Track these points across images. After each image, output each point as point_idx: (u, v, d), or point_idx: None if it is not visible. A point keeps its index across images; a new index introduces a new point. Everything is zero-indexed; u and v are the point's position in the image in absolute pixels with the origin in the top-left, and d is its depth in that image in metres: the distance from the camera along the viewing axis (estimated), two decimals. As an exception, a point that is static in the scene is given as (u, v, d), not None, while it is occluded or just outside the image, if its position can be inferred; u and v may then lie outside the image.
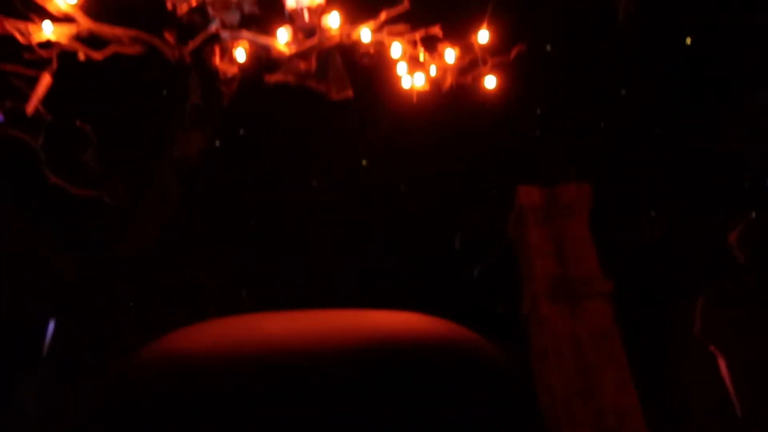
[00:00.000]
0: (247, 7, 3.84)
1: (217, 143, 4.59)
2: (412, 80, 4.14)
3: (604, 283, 5.51)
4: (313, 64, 3.77)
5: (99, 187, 4.26)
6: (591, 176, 6.10)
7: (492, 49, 4.31)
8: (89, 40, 3.54)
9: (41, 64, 3.29)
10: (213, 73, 3.94)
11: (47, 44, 3.34)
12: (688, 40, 6.13)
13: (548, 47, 5.91)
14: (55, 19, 3.40)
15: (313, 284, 5.76)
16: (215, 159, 4.71)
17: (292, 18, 3.88)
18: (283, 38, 3.77)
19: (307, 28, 3.77)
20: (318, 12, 3.82)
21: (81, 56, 3.46)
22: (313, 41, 3.75)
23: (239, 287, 5.83)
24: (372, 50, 4.70)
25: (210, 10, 3.80)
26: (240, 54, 3.92)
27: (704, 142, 6.44)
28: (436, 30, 3.95)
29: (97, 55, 3.51)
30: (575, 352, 5.24)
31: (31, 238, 4.60)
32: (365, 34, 3.82)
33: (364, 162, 6.33)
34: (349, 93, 3.78)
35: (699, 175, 6.52)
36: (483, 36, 4.26)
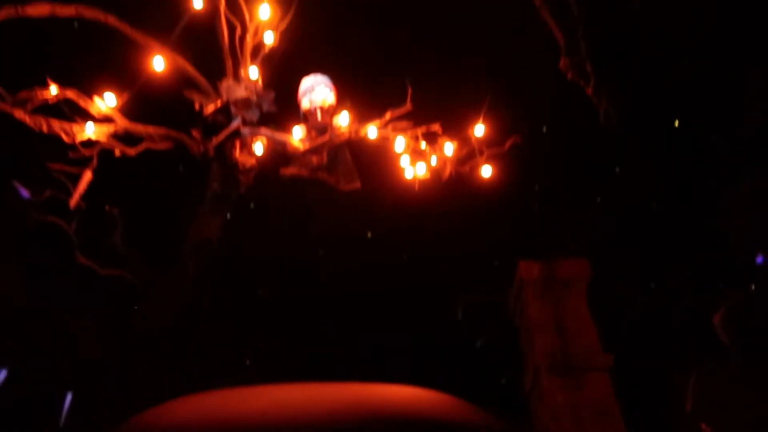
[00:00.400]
0: (266, 106, 4.28)
1: (228, 215, 4.93)
2: (414, 171, 4.53)
3: (604, 357, 5.68)
4: (325, 158, 4.16)
5: (123, 267, 4.59)
6: (589, 251, 6.38)
7: (488, 141, 4.71)
8: (124, 137, 3.95)
9: (82, 161, 3.68)
10: (233, 164, 4.33)
11: (88, 143, 3.74)
12: (676, 123, 6.55)
13: (544, 128, 6.33)
14: (96, 120, 3.82)
15: (315, 354, 5.94)
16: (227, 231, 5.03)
17: (306, 117, 4.32)
18: (298, 135, 4.20)
19: (319, 126, 4.20)
20: (329, 112, 4.26)
21: (117, 153, 3.86)
22: (325, 138, 4.16)
23: (245, 357, 6.01)
24: None
25: (233, 109, 4.24)
26: (258, 148, 4.33)
27: (699, 218, 6.73)
28: (436, 127, 4.35)
29: (131, 151, 3.91)
30: (576, 427, 5.36)
31: (53, 314, 4.86)
32: (372, 131, 4.24)
33: (368, 234, 6.63)
34: (357, 184, 4.15)
35: (695, 250, 6.78)
36: (479, 130, 4.67)
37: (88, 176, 3.70)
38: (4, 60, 3.57)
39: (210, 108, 4.15)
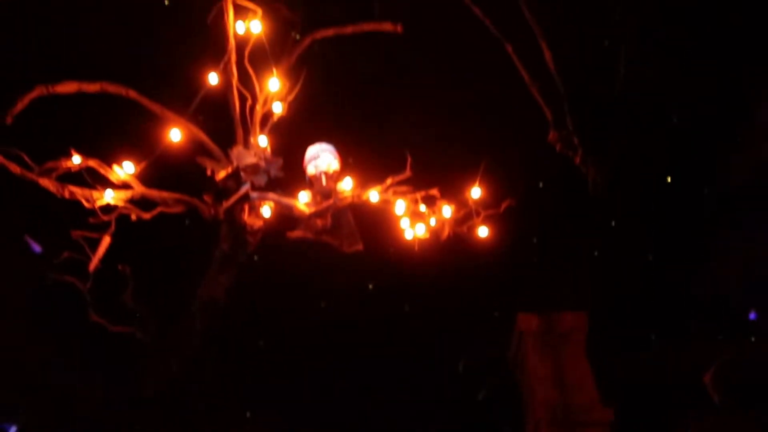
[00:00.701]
0: (274, 172, 4.53)
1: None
2: (414, 232, 4.75)
3: (604, 411, 5.77)
4: (329, 221, 4.39)
5: (133, 324, 4.76)
6: (587, 304, 6.54)
7: (484, 203, 4.95)
8: (140, 201, 4.20)
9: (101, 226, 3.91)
10: (241, 226, 4.56)
11: (107, 207, 3.98)
12: (669, 179, 6.80)
13: (541, 184, 6.57)
14: (115, 186, 4.07)
15: (318, 407, 6.02)
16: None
17: (311, 182, 4.58)
18: (303, 199, 4.44)
19: (324, 191, 4.45)
20: (334, 177, 4.52)
21: (133, 217, 4.10)
22: (329, 202, 4.40)
23: (246, 409, 6.10)
24: None
25: (243, 174, 4.50)
26: (266, 211, 4.58)
27: (693, 273, 6.91)
28: (435, 191, 4.60)
29: (146, 215, 4.15)
30: (577, 479, 5.43)
31: (60, 371, 4.99)
32: (374, 195, 4.48)
33: (370, 286, 6.80)
34: (360, 246, 4.37)
35: (691, 303, 6.94)
36: (476, 192, 4.91)
37: (106, 241, 3.93)
38: (31, 131, 3.84)
39: (221, 174, 4.41)
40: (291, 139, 4.64)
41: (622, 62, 4.34)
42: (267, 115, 4.63)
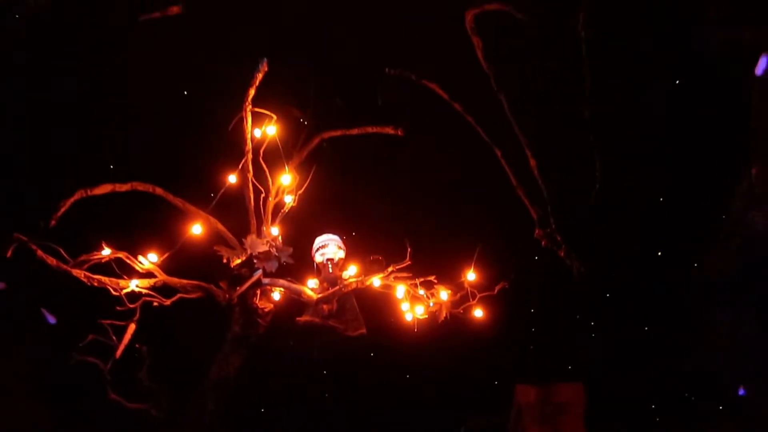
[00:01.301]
0: (284, 259, 4.93)
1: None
2: (413, 314, 5.10)
3: (602, 483, 5.94)
4: (335, 306, 4.75)
5: (148, 402, 5.05)
6: (585, 376, 6.79)
7: (479, 286, 5.30)
8: (161, 288, 4.58)
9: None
10: (253, 310, 4.92)
11: (131, 295, 4.36)
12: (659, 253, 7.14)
13: (536, 257, 6.91)
14: (140, 275, 4.47)
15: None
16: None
17: (318, 270, 4.97)
18: (311, 285, 4.82)
19: (330, 278, 4.83)
20: (339, 265, 4.92)
21: (155, 303, 4.47)
22: (335, 288, 4.78)
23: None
24: (381, 258, 5.75)
25: (255, 262, 4.89)
26: (276, 295, 4.95)
27: (685, 349, 7.17)
28: (432, 277, 4.98)
29: (167, 302, 4.52)
30: None
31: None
32: (376, 281, 4.86)
33: (371, 354, 7.05)
34: (363, 331, 4.71)
35: (685, 377, 7.16)
36: (471, 276, 5.28)
37: (132, 328, 4.29)
38: (67, 228, 4.26)
39: (236, 261, 4.81)
40: (300, 229, 5.06)
41: (598, 170, 4.81)
42: (278, 207, 5.08)
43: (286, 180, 5.05)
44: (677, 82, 5.00)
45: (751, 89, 5.06)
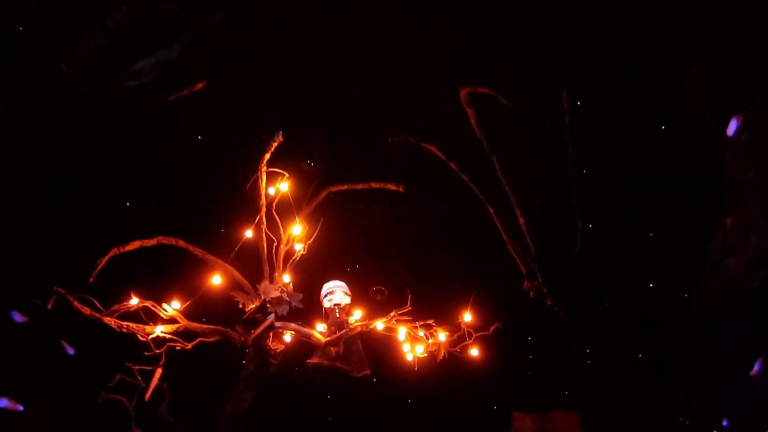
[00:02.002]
0: (294, 304, 5.36)
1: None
2: (414, 354, 5.52)
3: None
4: (342, 348, 5.17)
5: (168, 435, 5.46)
6: (579, 405, 7.15)
7: (475, 327, 5.72)
8: (183, 333, 5.01)
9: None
10: (266, 350, 5.34)
11: (156, 340, 4.79)
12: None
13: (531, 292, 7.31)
14: (164, 321, 4.90)
15: None
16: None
17: (326, 314, 5.40)
18: (320, 329, 5.25)
19: (337, 323, 5.26)
20: (346, 310, 5.35)
21: (178, 347, 4.90)
22: (342, 332, 5.20)
23: None
24: (384, 288, 6.19)
25: (268, 306, 5.33)
26: (287, 337, 5.38)
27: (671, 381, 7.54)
28: (431, 321, 5.41)
29: (188, 345, 4.95)
30: None
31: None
32: (379, 325, 5.29)
33: (374, 380, 7.42)
34: (367, 372, 5.13)
35: (673, 407, 7.53)
36: (467, 317, 5.70)
37: (158, 372, 4.72)
38: (101, 281, 4.71)
39: (251, 306, 5.25)
40: (310, 275, 5.50)
41: (579, 232, 5.27)
42: (289, 255, 5.52)
43: (297, 230, 5.49)
44: (658, 140, 5.46)
45: (724, 149, 5.52)
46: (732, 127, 5.39)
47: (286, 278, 5.40)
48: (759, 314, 5.75)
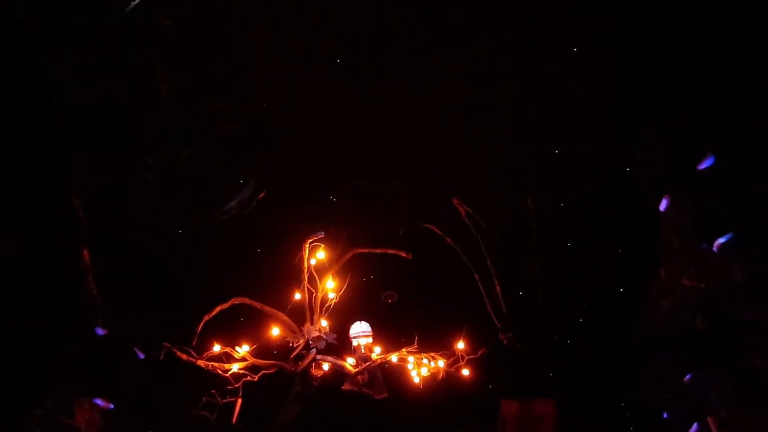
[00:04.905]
0: (330, 341, 7.15)
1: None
2: (420, 376, 7.33)
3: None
4: (366, 377, 6.99)
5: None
6: (556, 392, 8.93)
7: (466, 352, 7.51)
8: (251, 368, 6.82)
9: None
10: (309, 376, 7.16)
11: (233, 376, 6.60)
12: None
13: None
14: (237, 360, 6.70)
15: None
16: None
17: (355, 350, 7.20)
18: (350, 362, 7.06)
19: (363, 357, 7.06)
20: (369, 347, 7.15)
21: (248, 379, 6.72)
22: (366, 364, 7.01)
23: None
24: (394, 293, 8.00)
25: (311, 343, 7.12)
26: (325, 366, 7.19)
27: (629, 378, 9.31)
28: (433, 353, 7.21)
29: (255, 377, 6.76)
30: None
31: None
32: (394, 358, 7.09)
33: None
34: (385, 394, 6.96)
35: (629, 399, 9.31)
36: (461, 345, 7.50)
37: (239, 402, 6.55)
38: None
39: (298, 344, 7.04)
40: (341, 317, 7.29)
41: (540, 298, 6.99)
42: (325, 302, 7.28)
43: (330, 284, 7.25)
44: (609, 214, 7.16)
45: (659, 217, 7.20)
46: (663, 204, 7.04)
47: (324, 322, 7.19)
48: (685, 339, 7.45)
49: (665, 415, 8.42)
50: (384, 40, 7.38)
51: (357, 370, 7.01)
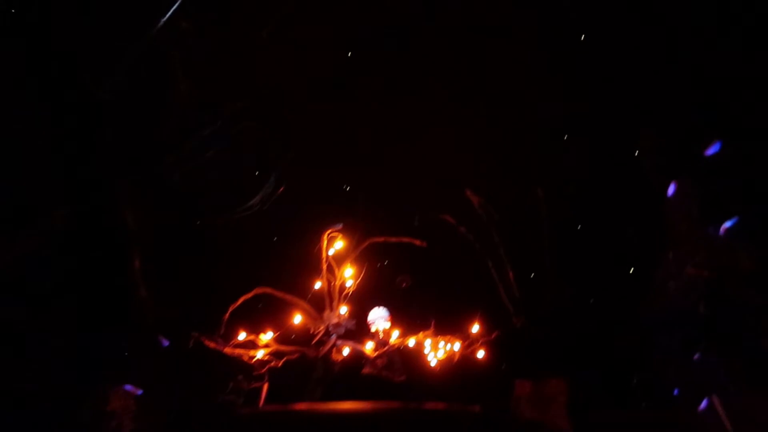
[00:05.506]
0: (349, 327, 7.45)
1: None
2: (436, 359, 7.63)
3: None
4: (385, 360, 7.30)
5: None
6: (567, 374, 9.25)
7: (481, 335, 7.80)
8: (275, 354, 7.15)
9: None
10: (330, 360, 7.48)
11: (258, 363, 6.93)
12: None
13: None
14: (262, 347, 7.03)
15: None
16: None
17: (373, 334, 7.49)
18: (369, 346, 7.37)
19: (381, 342, 7.36)
20: (387, 332, 7.44)
21: (272, 365, 7.05)
22: (385, 348, 7.31)
23: None
24: (408, 276, 8.29)
25: (331, 329, 7.43)
26: (345, 351, 7.50)
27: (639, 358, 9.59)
28: (449, 336, 7.50)
29: (279, 363, 7.10)
30: None
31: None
32: (412, 342, 7.39)
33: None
34: (404, 378, 7.26)
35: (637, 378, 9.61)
36: (475, 327, 7.79)
37: (266, 386, 6.89)
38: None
39: (319, 330, 7.35)
40: (361, 304, 7.58)
41: (551, 281, 7.26)
42: (343, 290, 7.57)
43: (348, 272, 7.54)
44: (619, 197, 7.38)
45: (666, 202, 7.39)
46: (671, 189, 7.22)
47: (343, 309, 7.49)
48: (693, 321, 7.69)
49: (675, 392, 8.69)
50: (397, 29, 7.58)
51: (376, 354, 7.32)
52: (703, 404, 7.54)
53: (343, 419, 5.26)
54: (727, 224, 6.57)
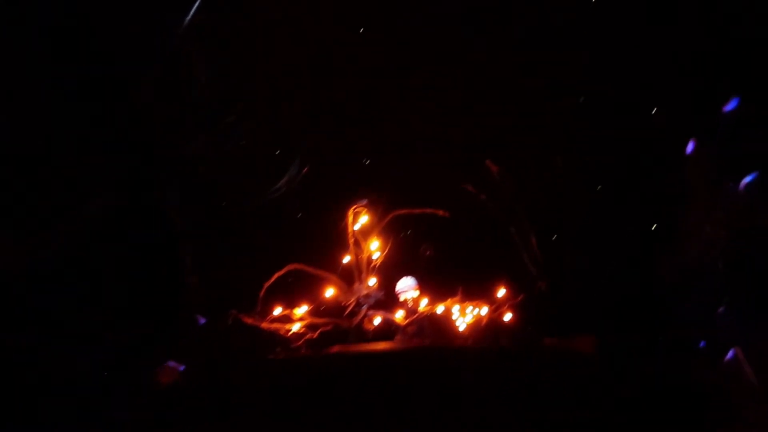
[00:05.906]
0: (379, 296, 7.76)
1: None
2: (464, 324, 7.91)
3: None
4: (415, 328, 7.60)
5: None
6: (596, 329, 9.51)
7: (506, 299, 8.05)
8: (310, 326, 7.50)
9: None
10: (362, 330, 7.81)
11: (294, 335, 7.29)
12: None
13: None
14: (297, 320, 7.37)
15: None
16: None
17: (405, 303, 7.78)
18: (399, 315, 7.67)
19: (410, 310, 7.66)
20: (416, 299, 7.73)
21: (307, 336, 7.39)
22: (414, 316, 7.61)
23: None
24: (431, 250, 8.55)
25: (361, 300, 7.74)
26: (377, 321, 7.82)
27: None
28: (476, 301, 7.76)
29: (314, 335, 7.44)
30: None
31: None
32: (440, 308, 7.67)
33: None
34: (428, 342, 7.57)
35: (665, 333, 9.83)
36: (501, 292, 8.03)
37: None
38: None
39: (351, 302, 7.67)
40: (388, 274, 7.87)
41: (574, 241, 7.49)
42: (370, 262, 7.85)
43: (374, 245, 7.81)
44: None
45: (687, 159, 7.48)
46: (690, 147, 7.30)
47: (372, 280, 7.78)
48: (710, 279, 7.83)
49: (702, 344, 8.90)
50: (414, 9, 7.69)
51: (407, 322, 7.62)
52: (731, 354, 7.75)
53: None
54: (746, 179, 6.65)
